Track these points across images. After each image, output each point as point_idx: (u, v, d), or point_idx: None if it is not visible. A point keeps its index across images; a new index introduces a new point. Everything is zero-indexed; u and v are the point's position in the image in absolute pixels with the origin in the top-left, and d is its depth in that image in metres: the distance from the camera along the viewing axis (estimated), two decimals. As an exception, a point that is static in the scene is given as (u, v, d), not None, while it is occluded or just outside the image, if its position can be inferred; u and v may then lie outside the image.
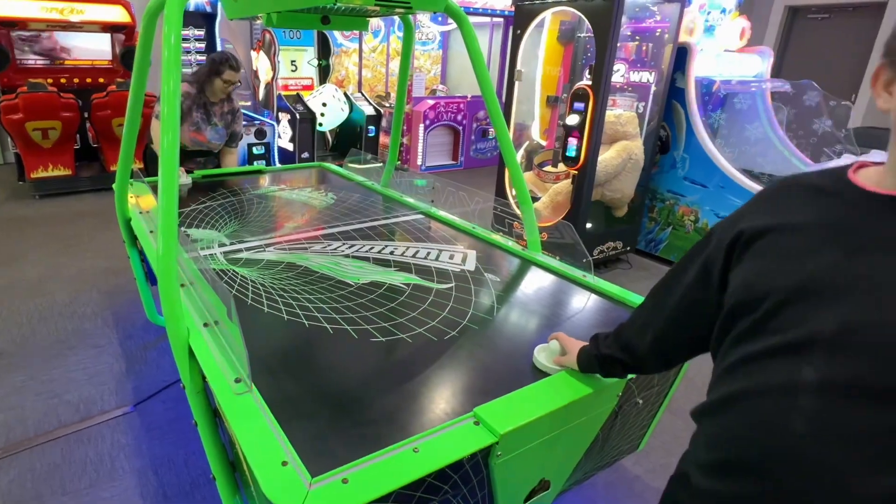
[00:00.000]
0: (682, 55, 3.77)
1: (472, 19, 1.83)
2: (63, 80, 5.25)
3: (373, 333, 1.40)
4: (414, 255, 1.92)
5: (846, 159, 3.28)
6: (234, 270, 1.75)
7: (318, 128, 6.26)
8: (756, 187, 3.55)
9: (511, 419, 1.03)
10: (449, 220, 2.30)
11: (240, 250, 1.92)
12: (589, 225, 3.70)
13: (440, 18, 7.80)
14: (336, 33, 7.30)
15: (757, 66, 4.32)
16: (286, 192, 2.76)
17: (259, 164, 5.22)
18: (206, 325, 1.36)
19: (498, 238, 2.10)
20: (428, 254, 1.94)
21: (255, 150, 5.29)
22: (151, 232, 2.02)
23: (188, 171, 2.86)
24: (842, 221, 0.71)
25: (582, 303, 1.65)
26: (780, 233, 0.75)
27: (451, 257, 1.92)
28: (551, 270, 1.85)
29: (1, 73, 4.93)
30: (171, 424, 2.12)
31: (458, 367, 1.30)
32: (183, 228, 2.08)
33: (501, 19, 7.17)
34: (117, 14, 5.14)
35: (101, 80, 5.43)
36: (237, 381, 1.14)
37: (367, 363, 1.29)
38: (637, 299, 1.60)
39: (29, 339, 2.67)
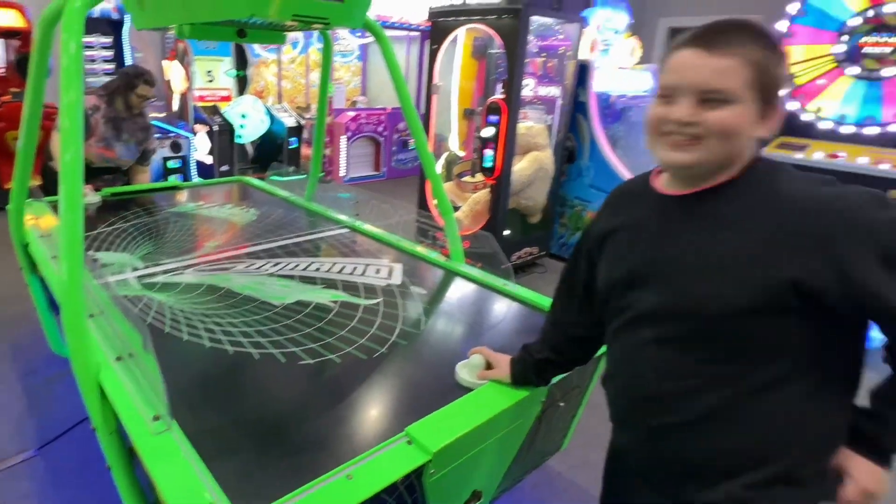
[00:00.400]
0: (583, 71, 3.94)
1: (389, 33, 1.80)
2: (-52, 90, 4.65)
3: (300, 356, 1.33)
4: (340, 271, 1.86)
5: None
6: (149, 296, 1.60)
7: (237, 140, 5.96)
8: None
9: (442, 435, 1.01)
10: (374, 234, 2.25)
11: (156, 274, 1.77)
12: (507, 232, 3.77)
13: (359, 32, 7.68)
14: (254, 44, 6.99)
15: (648, 81, 4.60)
16: (205, 208, 2.58)
17: (176, 179, 4.88)
18: (118, 358, 1.24)
19: (421, 250, 2.08)
20: (354, 269, 1.89)
21: (170, 164, 4.94)
22: (54, 257, 1.81)
23: (96, 189, 2.61)
24: (648, 220, 0.90)
25: (503, 311, 1.67)
26: (615, 233, 0.94)
27: (378, 271, 1.88)
28: (474, 280, 1.86)
29: None
30: (83, 468, 1.88)
31: (388, 385, 1.26)
32: (91, 252, 1.89)
33: (418, 33, 7.17)
34: (11, 19, 4.62)
35: (-8, 90, 4.86)
36: (155, 418, 1.03)
37: (295, 388, 1.22)
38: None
39: (-89, 379, 2.31)
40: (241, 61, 7.05)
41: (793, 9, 5.03)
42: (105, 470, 1.20)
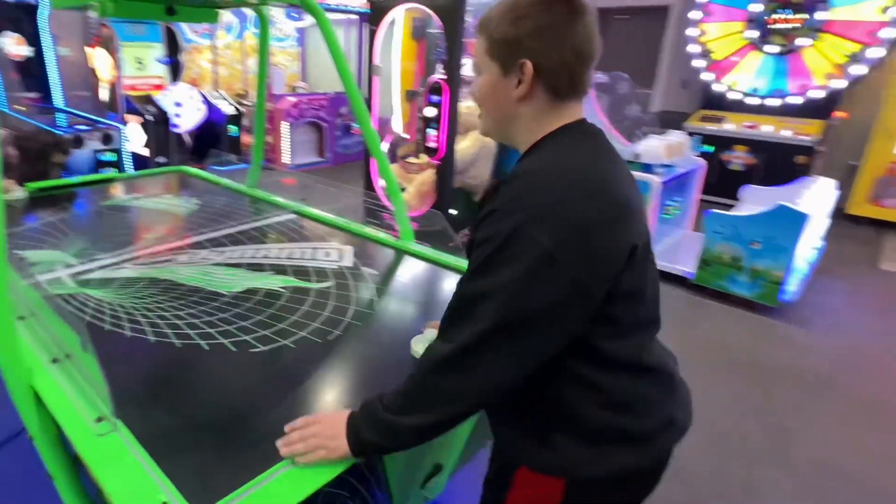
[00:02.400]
0: (520, 52, 3.92)
1: (328, 16, 1.71)
2: None
3: (252, 344, 1.26)
4: (289, 257, 1.78)
5: (653, 139, 3.66)
6: (85, 294, 1.48)
7: (173, 129, 5.60)
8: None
9: (401, 413, 0.98)
10: (322, 217, 2.17)
11: (91, 270, 1.63)
12: (453, 211, 3.75)
13: (295, 15, 7.34)
14: (185, 28, 6.54)
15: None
16: (143, 200, 2.41)
17: (110, 172, 4.54)
18: (55, 360, 1.13)
19: (371, 231, 2.03)
20: (304, 253, 1.81)
21: (102, 157, 4.58)
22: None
23: (20, 184, 2.37)
24: None
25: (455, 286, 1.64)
26: None
27: (328, 255, 1.81)
28: (425, 258, 1.83)
29: None
30: (22, 479, 1.72)
31: (344, 367, 1.22)
32: (17, 252, 1.72)
33: (356, 17, 6.94)
34: None
35: None
36: (99, 420, 0.95)
37: (248, 377, 1.16)
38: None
39: None
40: (173, 47, 6.59)
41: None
42: (47, 480, 1.10)
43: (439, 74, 3.51)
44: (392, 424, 0.82)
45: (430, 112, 3.42)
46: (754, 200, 3.42)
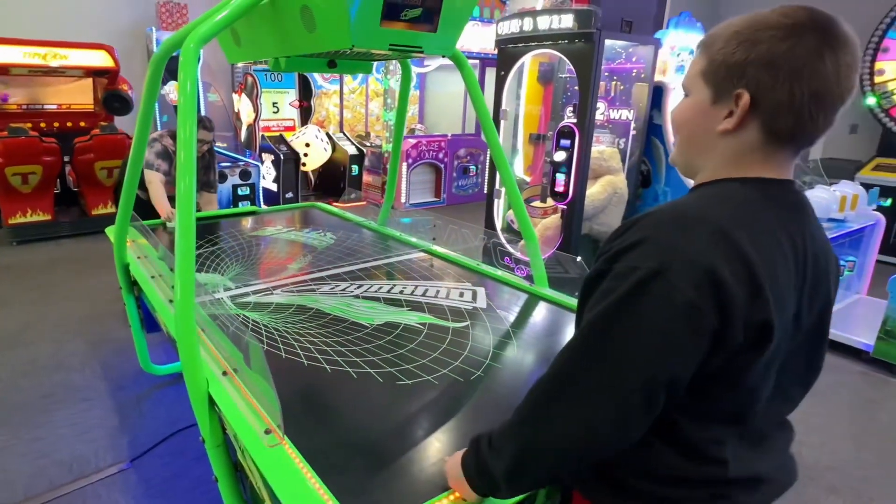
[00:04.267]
0: (658, 93, 3.91)
1: (449, 62, 1.87)
2: (43, 125, 5.15)
3: (398, 376, 1.35)
4: (423, 294, 1.89)
5: (820, 190, 3.40)
6: (244, 315, 1.69)
7: (301, 167, 6.24)
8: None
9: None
10: (451, 257, 2.29)
11: (247, 294, 1.87)
12: (579, 258, 3.72)
13: (431, 61, 7.95)
14: (317, 75, 7.37)
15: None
16: (284, 232, 2.71)
17: (245, 206, 5.15)
18: (224, 373, 1.30)
19: (502, 274, 2.09)
20: (437, 292, 1.92)
21: (240, 192, 5.23)
22: (153, 277, 1.95)
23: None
24: None
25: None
26: None
27: (461, 295, 1.90)
28: (563, 306, 1.84)
29: (-20, 119, 4.81)
30: (171, 481, 1.99)
31: (490, 407, 1.26)
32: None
33: (477, 61, 7.36)
34: (101, 59, 5.10)
35: (82, 123, 5.35)
36: (267, 432, 1.08)
37: (397, 408, 1.25)
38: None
39: (10, 395, 2.51)
40: (306, 93, 7.44)
41: (884, 22, 4.81)
42: (193, 485, 1.25)
43: (568, 118, 3.59)
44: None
45: (559, 156, 3.49)
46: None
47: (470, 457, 0.87)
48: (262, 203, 5.52)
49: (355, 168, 6.73)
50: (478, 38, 6.96)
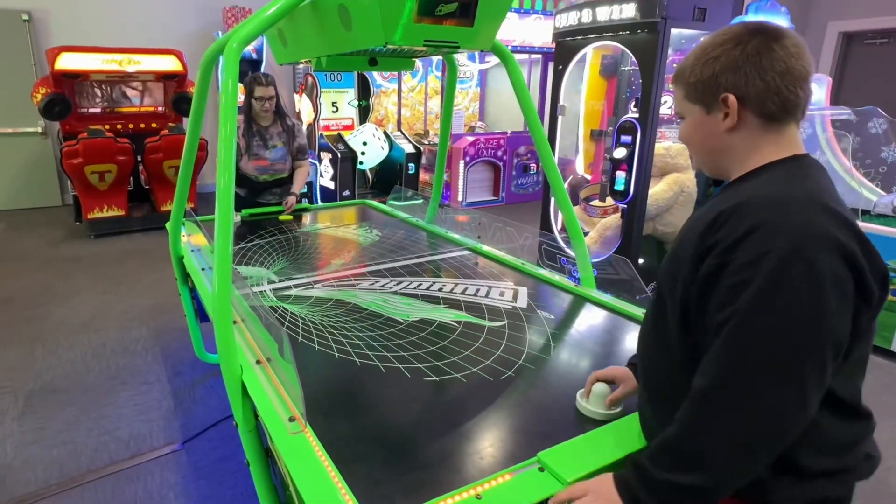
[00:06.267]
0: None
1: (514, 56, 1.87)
2: (119, 126, 5.59)
3: (426, 372, 1.38)
4: (463, 292, 1.92)
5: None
6: (283, 307, 1.78)
7: (358, 166, 6.42)
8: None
9: (579, 466, 0.99)
10: (496, 256, 2.30)
11: (289, 287, 1.96)
12: (641, 260, 3.62)
13: (478, 57, 7.98)
14: (375, 74, 7.56)
15: (815, 93, 4.22)
16: (331, 229, 2.82)
17: (303, 203, 5.37)
18: (258, 362, 1.38)
19: (547, 274, 2.08)
20: (477, 290, 1.93)
21: (298, 189, 5.44)
22: (203, 269, 2.08)
23: (239, 209, 2.96)
24: None
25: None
26: None
27: (502, 294, 1.91)
28: (608, 308, 1.81)
29: (64, 121, 5.29)
30: (218, 464, 2.13)
31: (515, 408, 1.27)
32: (234, 266, 2.14)
33: (539, 56, 7.29)
34: (171, 63, 5.48)
35: (153, 125, 5.76)
36: (291, 419, 1.14)
37: (421, 403, 1.28)
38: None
39: (82, 375, 2.77)
40: (365, 92, 7.65)
41: None
42: (238, 469, 1.34)
43: (631, 113, 3.50)
44: None
45: (619, 153, 3.41)
46: None
47: (639, 479, 0.84)
48: (318, 201, 5.73)
49: (412, 166, 6.85)
50: (540, 31, 6.90)
